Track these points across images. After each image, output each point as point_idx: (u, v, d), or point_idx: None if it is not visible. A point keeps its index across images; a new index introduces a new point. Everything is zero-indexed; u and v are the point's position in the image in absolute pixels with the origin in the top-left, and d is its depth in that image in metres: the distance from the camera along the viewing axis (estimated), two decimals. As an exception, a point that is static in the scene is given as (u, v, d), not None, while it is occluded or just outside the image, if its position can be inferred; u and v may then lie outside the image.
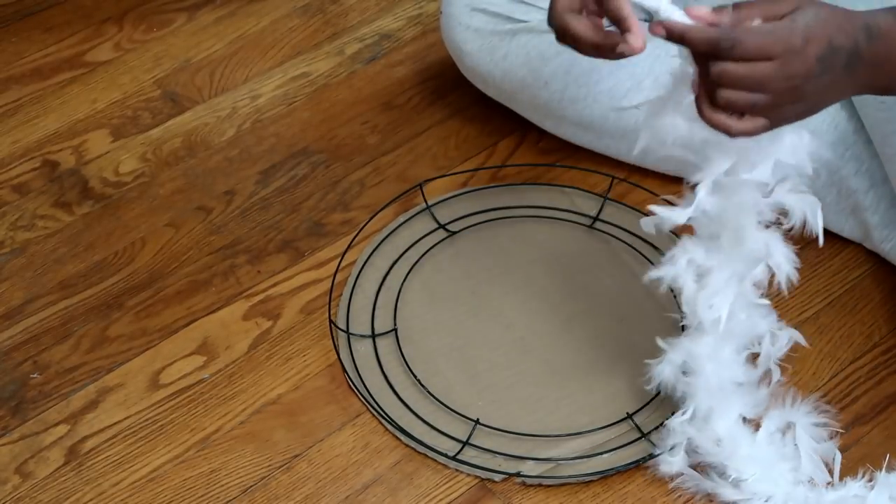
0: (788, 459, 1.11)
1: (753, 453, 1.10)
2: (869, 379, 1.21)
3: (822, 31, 0.95)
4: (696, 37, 0.95)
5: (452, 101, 1.48)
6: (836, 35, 0.96)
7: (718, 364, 1.10)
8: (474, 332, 1.25)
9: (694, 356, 1.10)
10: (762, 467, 1.10)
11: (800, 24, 0.94)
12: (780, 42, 0.94)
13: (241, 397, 1.20)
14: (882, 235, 1.27)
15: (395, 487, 1.13)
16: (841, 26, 0.96)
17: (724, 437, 1.10)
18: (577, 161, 1.40)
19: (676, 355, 1.10)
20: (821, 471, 1.11)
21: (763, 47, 0.94)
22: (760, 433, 1.12)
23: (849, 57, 0.97)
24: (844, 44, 0.96)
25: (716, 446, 1.10)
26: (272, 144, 1.43)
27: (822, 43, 0.95)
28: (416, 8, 1.60)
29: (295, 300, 1.28)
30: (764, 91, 0.95)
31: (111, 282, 1.29)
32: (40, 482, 1.14)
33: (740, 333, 1.10)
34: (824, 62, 0.95)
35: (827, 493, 1.09)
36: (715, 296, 1.06)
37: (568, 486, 1.13)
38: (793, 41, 0.94)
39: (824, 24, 0.95)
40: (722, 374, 1.10)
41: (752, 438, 1.11)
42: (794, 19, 0.94)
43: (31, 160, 1.42)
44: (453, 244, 1.32)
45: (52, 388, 1.20)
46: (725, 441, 1.10)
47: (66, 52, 1.54)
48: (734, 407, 1.11)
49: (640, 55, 1.31)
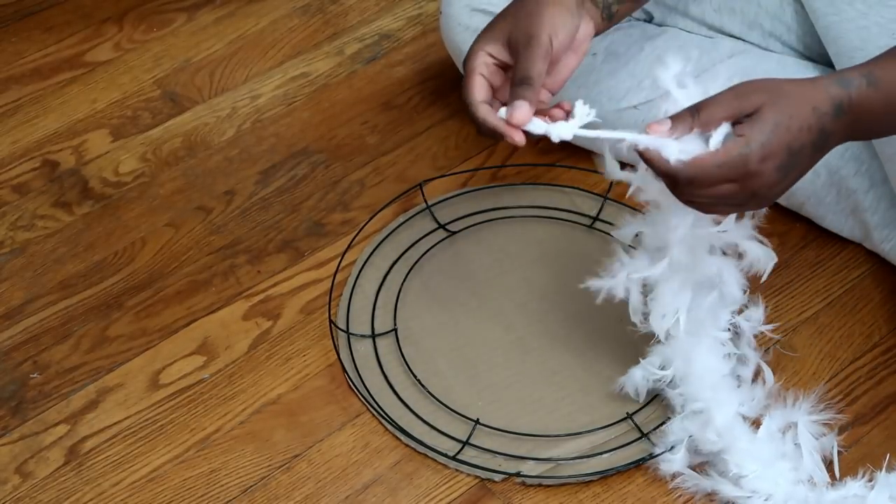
0: (789, 458, 1.11)
1: (753, 450, 1.10)
2: (869, 379, 1.21)
3: (780, 142, 0.95)
4: (658, 168, 0.97)
5: (452, 101, 1.48)
6: (795, 139, 0.96)
7: (701, 363, 1.11)
8: (474, 332, 1.25)
9: (670, 360, 1.12)
10: (762, 465, 1.10)
11: (754, 148, 0.94)
12: (735, 170, 0.95)
13: (241, 397, 1.20)
14: (882, 235, 1.27)
15: (395, 487, 1.13)
16: (802, 124, 0.96)
17: (723, 430, 1.10)
18: (577, 161, 1.40)
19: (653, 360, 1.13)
20: (821, 470, 1.11)
21: (719, 177, 0.96)
22: (761, 431, 1.12)
23: (814, 144, 0.97)
24: (806, 140, 0.96)
25: (715, 437, 1.10)
26: (272, 144, 1.43)
27: (780, 154, 0.95)
28: (416, 8, 1.60)
29: (295, 300, 1.28)
30: (729, 204, 0.98)
31: (111, 282, 1.29)
32: (40, 482, 1.14)
33: (706, 332, 1.11)
34: (786, 167, 0.96)
35: (827, 493, 1.09)
36: (665, 305, 1.09)
37: (568, 486, 1.13)
38: (749, 167, 0.95)
39: (784, 132, 0.95)
40: (710, 370, 1.11)
41: (752, 435, 1.12)
42: (750, 142, 0.94)
43: (31, 160, 1.42)
44: (453, 244, 1.32)
45: (52, 388, 1.20)
46: (725, 435, 1.10)
47: (66, 52, 1.54)
48: (731, 402, 1.11)
49: (640, 56, 1.32)
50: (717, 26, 1.34)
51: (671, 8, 1.35)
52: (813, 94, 0.97)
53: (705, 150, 0.96)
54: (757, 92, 0.96)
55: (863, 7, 1.21)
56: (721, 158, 0.95)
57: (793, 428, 1.13)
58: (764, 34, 1.32)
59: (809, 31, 1.30)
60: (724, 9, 1.33)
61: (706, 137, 0.96)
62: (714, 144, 0.96)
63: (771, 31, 1.32)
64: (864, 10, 1.21)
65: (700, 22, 1.34)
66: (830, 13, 1.23)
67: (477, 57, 1.07)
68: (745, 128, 0.95)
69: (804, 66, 1.30)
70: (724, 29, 1.34)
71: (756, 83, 0.98)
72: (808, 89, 0.97)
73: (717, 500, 1.11)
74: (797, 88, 0.97)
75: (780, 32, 1.32)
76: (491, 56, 1.07)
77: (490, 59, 1.07)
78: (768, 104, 0.95)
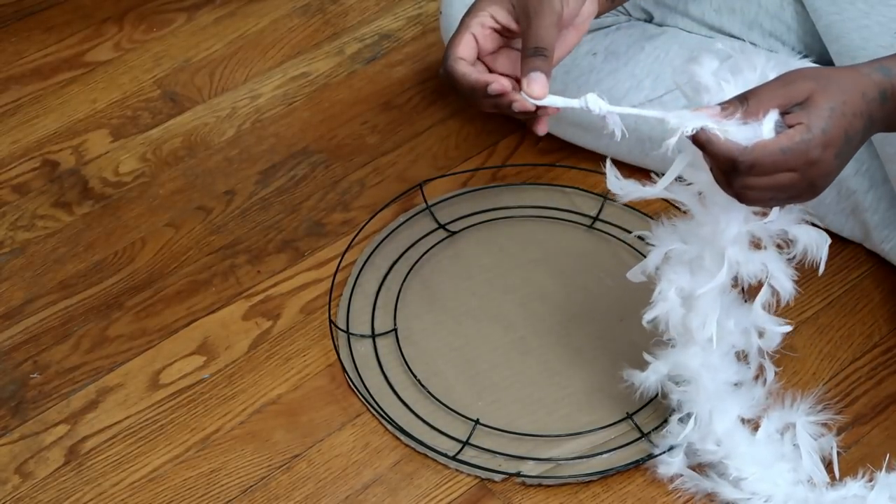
0: (788, 459, 1.11)
1: (753, 452, 1.10)
2: (869, 379, 1.21)
3: (838, 129, 0.92)
4: (716, 151, 0.93)
5: (452, 101, 1.48)
6: (851, 125, 0.93)
7: (711, 370, 1.09)
8: (474, 332, 1.25)
9: (685, 367, 1.09)
10: (762, 467, 1.10)
11: (817, 135, 0.91)
12: (798, 157, 0.92)
13: (241, 397, 1.20)
14: (882, 235, 1.27)
15: (395, 487, 1.13)
16: (855, 110, 0.93)
17: (724, 437, 1.10)
18: (577, 161, 1.40)
19: (663, 366, 1.10)
20: (820, 470, 1.11)
21: (782, 165, 0.92)
22: (760, 433, 1.12)
23: (865, 131, 0.95)
24: (859, 126, 0.94)
25: (715, 447, 1.10)
26: (272, 144, 1.43)
27: (839, 141, 0.93)
28: (416, 8, 1.60)
29: (295, 300, 1.28)
30: (785, 195, 0.95)
31: (111, 282, 1.29)
32: (40, 482, 1.14)
33: (728, 337, 1.09)
34: (842, 155, 0.94)
35: (827, 493, 1.09)
36: (704, 316, 1.05)
37: (568, 486, 1.13)
38: (811, 154, 0.92)
39: (840, 118, 0.92)
40: (717, 378, 1.10)
41: (751, 438, 1.11)
42: (811, 128, 0.91)
43: (31, 160, 1.42)
44: (453, 244, 1.32)
45: (52, 388, 1.20)
46: (725, 441, 1.10)
47: (66, 52, 1.54)
48: (732, 408, 1.11)
49: (641, 56, 1.32)
50: (717, 26, 1.34)
51: (671, 8, 1.35)
52: (860, 80, 0.94)
53: (760, 137, 0.92)
54: (805, 79, 0.93)
55: (864, 6, 1.21)
56: (785, 143, 0.91)
57: (791, 429, 1.13)
58: (764, 34, 1.32)
59: (810, 30, 1.30)
60: (724, 9, 1.33)
61: (754, 127, 0.92)
62: (767, 132, 0.92)
63: (771, 30, 1.32)
64: (866, 10, 1.21)
65: (700, 22, 1.34)
66: (832, 12, 1.23)
67: (476, 16, 1.01)
68: (800, 115, 0.92)
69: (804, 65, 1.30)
70: (724, 29, 1.34)
71: (801, 71, 0.94)
72: (854, 75, 0.94)
73: (718, 501, 1.11)
74: (843, 75, 0.94)
75: (780, 32, 1.32)
76: (493, 17, 1.01)
77: (490, 20, 1.01)
78: (819, 91, 0.92)
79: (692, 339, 1.07)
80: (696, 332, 1.06)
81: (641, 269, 1.06)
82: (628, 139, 1.34)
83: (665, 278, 1.05)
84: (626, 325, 1.24)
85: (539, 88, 0.96)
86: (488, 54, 1.03)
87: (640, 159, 1.36)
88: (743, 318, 1.08)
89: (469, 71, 0.99)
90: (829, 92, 0.92)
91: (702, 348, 1.08)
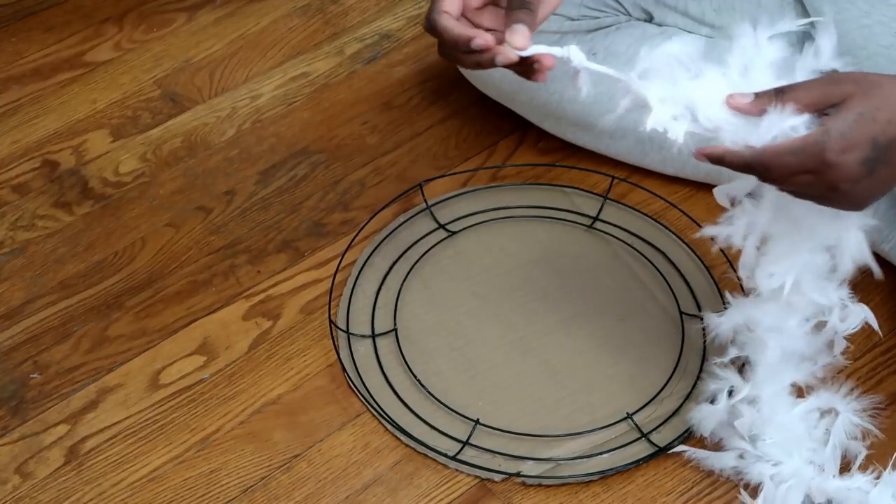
0: (813, 441, 1.10)
1: (785, 421, 1.10)
2: (869, 379, 1.21)
3: (863, 133, 0.90)
4: (732, 161, 0.93)
5: (452, 101, 1.48)
6: (883, 131, 0.90)
7: (781, 336, 1.06)
8: (474, 332, 1.25)
9: (758, 322, 1.05)
10: (785, 436, 1.09)
11: (833, 136, 0.90)
12: (811, 159, 0.91)
13: (241, 397, 1.20)
14: (882, 236, 1.27)
15: (395, 487, 1.13)
16: (892, 116, 0.90)
17: (767, 400, 1.09)
18: (577, 161, 1.40)
19: (738, 315, 1.06)
20: (835, 465, 1.11)
21: (795, 167, 0.91)
22: (800, 407, 1.11)
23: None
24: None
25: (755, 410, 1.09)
26: (272, 144, 1.43)
27: (864, 146, 0.90)
28: (416, 8, 1.60)
29: (295, 300, 1.28)
30: (810, 195, 0.94)
31: (111, 282, 1.29)
32: (40, 482, 1.14)
33: (804, 306, 1.05)
34: (871, 162, 0.91)
35: (832, 481, 1.09)
36: (776, 263, 1.02)
37: (568, 486, 1.13)
38: (825, 157, 0.90)
39: (869, 123, 0.90)
40: (785, 347, 1.07)
41: (790, 407, 1.11)
42: (829, 131, 0.90)
43: (31, 160, 1.42)
44: (453, 244, 1.32)
45: (52, 388, 1.20)
46: (766, 405, 1.09)
47: (66, 52, 1.54)
48: (787, 374, 1.09)
49: (641, 54, 1.32)
50: (718, 25, 1.34)
51: (671, 8, 1.35)
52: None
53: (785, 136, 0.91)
54: (848, 82, 0.91)
55: (865, 6, 1.21)
56: (797, 145, 0.90)
57: (833, 414, 1.12)
58: (764, 34, 1.32)
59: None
60: (724, 8, 1.33)
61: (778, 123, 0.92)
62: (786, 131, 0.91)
63: (771, 30, 1.32)
64: (867, 9, 1.21)
65: (700, 21, 1.34)
66: (833, 12, 1.23)
67: None
68: (828, 118, 0.91)
69: (804, 66, 1.30)
70: (724, 28, 1.34)
71: (850, 74, 0.93)
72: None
73: (719, 472, 1.11)
74: (890, 80, 0.91)
75: (780, 32, 1.32)
76: None
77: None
78: (858, 94, 0.90)
79: (759, 285, 1.04)
80: (762, 279, 1.03)
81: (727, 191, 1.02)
82: (628, 140, 1.35)
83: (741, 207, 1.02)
84: (626, 325, 1.24)
85: (521, 39, 0.95)
86: (473, 9, 1.02)
87: (639, 159, 1.37)
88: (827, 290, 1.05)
89: (453, 25, 0.98)
90: (867, 96, 0.90)
91: (779, 308, 1.04)
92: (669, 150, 1.24)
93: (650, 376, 1.20)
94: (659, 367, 1.21)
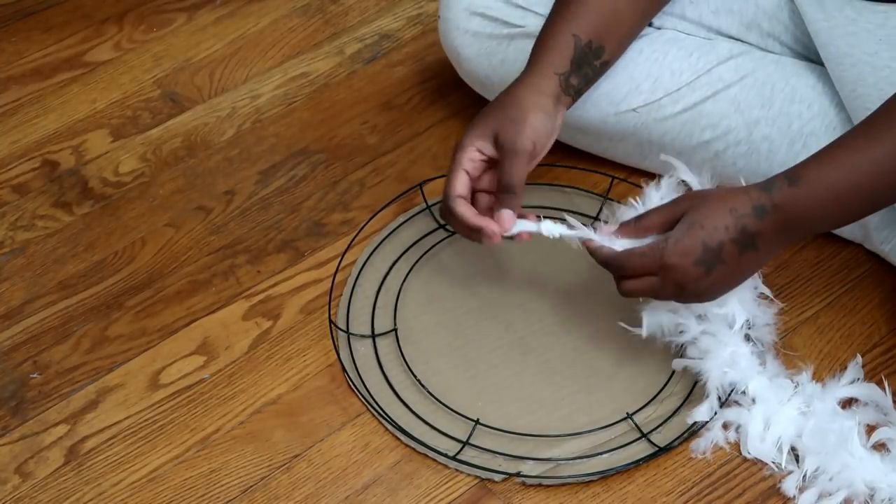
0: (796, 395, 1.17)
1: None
2: (869, 379, 1.21)
3: (694, 238, 1.06)
4: (599, 257, 1.12)
5: (452, 101, 1.48)
6: (710, 236, 1.06)
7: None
8: (474, 332, 1.25)
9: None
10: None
11: (671, 243, 1.07)
12: (653, 262, 1.08)
13: (241, 397, 1.20)
14: (882, 236, 1.27)
15: (395, 487, 1.13)
16: (718, 223, 1.06)
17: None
18: (577, 161, 1.40)
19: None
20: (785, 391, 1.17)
21: (642, 268, 1.09)
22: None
23: (738, 242, 1.07)
24: (724, 237, 1.06)
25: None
26: (272, 144, 1.43)
27: (695, 250, 1.07)
28: (416, 8, 1.60)
29: (295, 300, 1.28)
30: (660, 295, 1.10)
31: (111, 282, 1.29)
32: (40, 482, 1.14)
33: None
34: (706, 262, 1.07)
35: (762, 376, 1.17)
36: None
37: (568, 486, 1.13)
38: (665, 260, 1.07)
39: (697, 230, 1.06)
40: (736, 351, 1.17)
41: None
42: (668, 237, 1.07)
43: (31, 160, 1.42)
44: (453, 244, 1.32)
45: (52, 388, 1.20)
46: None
47: (66, 52, 1.54)
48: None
49: (639, 59, 1.32)
50: (715, 28, 1.34)
51: (668, 11, 1.35)
52: (733, 197, 1.07)
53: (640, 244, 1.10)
54: (686, 200, 1.09)
55: (852, 13, 1.21)
56: (643, 250, 1.09)
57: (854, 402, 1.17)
58: (762, 34, 1.32)
59: (807, 31, 1.30)
60: (721, 10, 1.33)
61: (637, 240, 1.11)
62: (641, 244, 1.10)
63: (769, 31, 1.32)
64: (853, 17, 1.21)
65: (698, 24, 1.34)
66: (820, 18, 1.24)
67: (466, 152, 1.15)
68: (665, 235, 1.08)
69: (802, 66, 1.30)
70: (721, 30, 1.34)
71: (687, 193, 1.11)
72: (731, 194, 1.07)
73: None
74: (721, 194, 1.08)
75: (778, 32, 1.32)
76: (480, 152, 1.15)
77: (478, 154, 1.15)
78: (692, 208, 1.08)
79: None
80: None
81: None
82: (627, 142, 1.35)
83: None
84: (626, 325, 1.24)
85: (507, 224, 1.13)
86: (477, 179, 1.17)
87: (638, 161, 1.37)
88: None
89: (468, 213, 1.14)
90: (697, 209, 1.07)
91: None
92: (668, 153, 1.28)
93: (650, 376, 1.20)
94: (659, 367, 1.21)
